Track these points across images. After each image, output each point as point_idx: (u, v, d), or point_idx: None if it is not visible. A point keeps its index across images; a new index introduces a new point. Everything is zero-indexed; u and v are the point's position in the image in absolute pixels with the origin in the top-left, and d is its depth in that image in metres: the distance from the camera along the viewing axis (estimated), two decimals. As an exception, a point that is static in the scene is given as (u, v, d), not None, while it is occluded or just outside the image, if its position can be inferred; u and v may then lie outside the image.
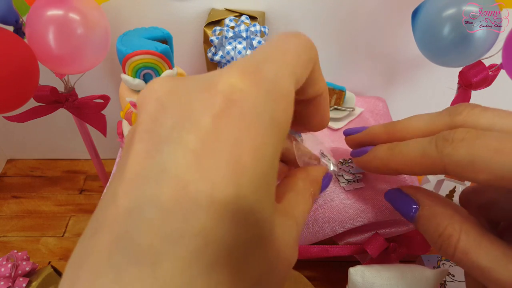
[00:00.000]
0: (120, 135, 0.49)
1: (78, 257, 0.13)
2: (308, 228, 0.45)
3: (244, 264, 0.13)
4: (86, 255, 0.12)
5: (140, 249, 0.12)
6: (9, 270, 0.49)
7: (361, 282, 0.38)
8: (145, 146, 0.13)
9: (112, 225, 0.12)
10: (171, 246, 0.12)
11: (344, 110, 0.60)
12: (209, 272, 0.12)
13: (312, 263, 0.59)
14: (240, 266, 0.13)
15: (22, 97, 0.44)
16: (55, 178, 0.79)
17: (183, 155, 0.13)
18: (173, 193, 0.12)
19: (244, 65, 0.15)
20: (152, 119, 0.14)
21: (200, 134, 0.13)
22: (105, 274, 0.11)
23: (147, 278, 0.11)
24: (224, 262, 0.12)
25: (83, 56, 0.48)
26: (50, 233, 0.68)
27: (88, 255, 0.12)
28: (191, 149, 0.13)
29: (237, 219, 0.13)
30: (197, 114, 0.13)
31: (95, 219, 0.13)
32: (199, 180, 0.12)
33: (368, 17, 0.61)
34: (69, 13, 0.45)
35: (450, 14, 0.44)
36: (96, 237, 0.13)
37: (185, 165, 0.13)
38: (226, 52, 0.51)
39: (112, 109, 0.61)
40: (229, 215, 0.13)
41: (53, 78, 0.53)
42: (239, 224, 0.13)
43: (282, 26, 0.62)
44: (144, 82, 0.43)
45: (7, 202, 0.74)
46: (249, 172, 0.13)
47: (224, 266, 0.12)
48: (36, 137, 0.79)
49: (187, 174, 0.12)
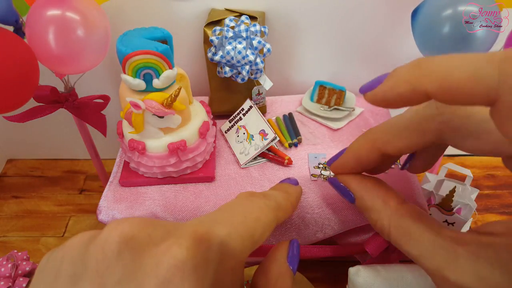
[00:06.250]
0: (120, 135, 0.49)
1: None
2: (308, 228, 0.45)
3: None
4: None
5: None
6: (9, 270, 0.49)
7: (361, 282, 0.38)
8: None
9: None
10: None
11: (344, 110, 0.60)
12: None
13: (312, 263, 0.59)
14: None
15: (22, 97, 0.44)
16: (55, 178, 0.79)
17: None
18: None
19: (198, 226, 0.17)
20: (106, 265, 0.15)
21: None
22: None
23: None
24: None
25: (83, 56, 0.48)
26: (50, 233, 0.68)
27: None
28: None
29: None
30: (143, 277, 0.15)
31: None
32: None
33: (368, 17, 0.61)
34: (69, 13, 0.45)
35: (450, 14, 0.44)
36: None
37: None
38: (226, 52, 0.51)
39: (112, 109, 0.61)
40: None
41: (53, 78, 0.53)
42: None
43: (282, 26, 0.62)
44: (144, 82, 0.43)
45: (7, 202, 0.74)
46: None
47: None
48: (36, 137, 0.78)
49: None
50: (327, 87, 0.61)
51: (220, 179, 0.50)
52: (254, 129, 0.53)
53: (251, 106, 0.55)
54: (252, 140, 0.53)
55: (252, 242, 0.19)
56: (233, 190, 0.49)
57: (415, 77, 0.19)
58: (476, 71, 0.17)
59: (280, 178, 0.49)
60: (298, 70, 0.68)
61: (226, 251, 0.17)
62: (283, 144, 0.55)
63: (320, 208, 0.44)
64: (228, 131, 0.57)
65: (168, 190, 0.48)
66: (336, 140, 0.56)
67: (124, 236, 0.15)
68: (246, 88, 0.58)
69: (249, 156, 0.52)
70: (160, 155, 0.46)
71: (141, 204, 0.47)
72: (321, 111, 0.60)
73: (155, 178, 0.49)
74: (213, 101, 0.61)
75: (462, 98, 0.18)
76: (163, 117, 0.43)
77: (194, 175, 0.49)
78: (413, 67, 0.20)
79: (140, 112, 0.42)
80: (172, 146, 0.45)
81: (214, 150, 0.53)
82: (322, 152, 0.53)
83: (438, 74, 0.18)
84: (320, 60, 0.67)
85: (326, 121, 0.59)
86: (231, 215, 0.20)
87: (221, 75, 0.55)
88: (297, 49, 0.65)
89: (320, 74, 0.68)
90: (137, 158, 0.47)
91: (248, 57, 0.51)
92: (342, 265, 0.58)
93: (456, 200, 0.58)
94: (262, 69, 0.55)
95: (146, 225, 0.16)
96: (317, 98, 0.62)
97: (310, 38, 0.64)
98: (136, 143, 0.46)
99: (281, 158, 0.51)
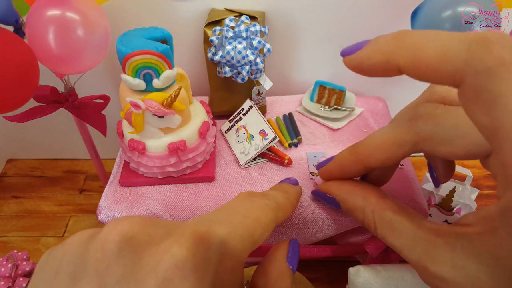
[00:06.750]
0: (120, 135, 0.49)
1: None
2: (308, 228, 0.45)
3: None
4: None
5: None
6: (9, 270, 0.49)
7: (361, 282, 0.38)
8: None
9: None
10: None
11: (344, 110, 0.60)
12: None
13: (312, 263, 0.59)
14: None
15: (22, 97, 0.44)
16: (55, 178, 0.79)
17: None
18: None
19: (198, 225, 0.17)
20: (105, 265, 0.15)
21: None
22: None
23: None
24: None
25: (83, 56, 0.48)
26: (50, 233, 0.68)
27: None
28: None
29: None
30: (143, 276, 0.15)
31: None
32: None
33: (368, 17, 0.61)
34: (69, 13, 0.45)
35: (450, 14, 0.44)
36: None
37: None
38: (226, 52, 0.51)
39: (112, 109, 0.61)
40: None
41: (53, 78, 0.53)
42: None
43: (282, 26, 0.62)
44: (144, 82, 0.43)
45: (7, 202, 0.74)
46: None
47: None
48: (36, 137, 0.79)
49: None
50: (327, 87, 0.61)
51: (220, 179, 0.50)
52: (254, 129, 0.53)
53: (251, 106, 0.55)
54: (252, 140, 0.53)
55: (252, 242, 0.19)
56: (233, 190, 0.49)
57: (390, 49, 0.19)
58: (446, 50, 0.17)
59: (280, 178, 0.49)
60: (298, 70, 0.68)
61: (226, 250, 0.17)
62: (283, 144, 0.55)
63: (320, 208, 0.44)
64: (228, 131, 0.57)
65: (168, 190, 0.48)
66: (336, 140, 0.56)
67: (124, 235, 0.15)
68: (246, 88, 0.58)
69: (249, 156, 0.52)
70: (160, 155, 0.46)
71: (141, 204, 0.47)
72: (321, 111, 0.60)
73: (155, 178, 0.49)
74: (213, 101, 0.61)
75: (430, 76, 0.18)
76: (163, 117, 0.43)
77: (194, 175, 0.49)
78: (392, 39, 0.20)
79: (140, 112, 0.42)
80: (172, 146, 0.45)
81: (214, 150, 0.53)
82: (321, 151, 0.53)
83: (411, 49, 0.18)
84: (320, 60, 0.67)
85: (326, 121, 0.59)
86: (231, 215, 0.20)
87: (221, 75, 0.55)
88: (297, 49, 0.65)
89: (320, 74, 0.68)
90: (137, 158, 0.47)
91: (248, 57, 0.51)
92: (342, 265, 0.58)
93: (456, 200, 0.58)
94: (262, 69, 0.55)
95: (146, 224, 0.16)
96: (317, 98, 0.62)
97: (310, 38, 0.64)
98: (136, 143, 0.46)
99: (281, 158, 0.51)
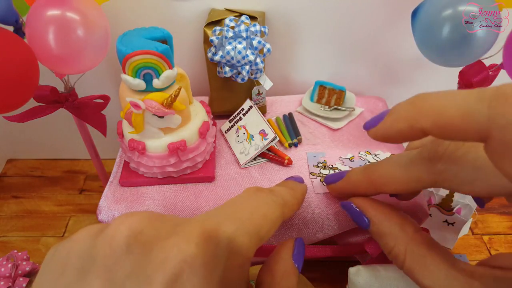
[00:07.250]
0: (120, 135, 0.49)
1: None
2: (308, 228, 0.45)
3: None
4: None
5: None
6: (9, 270, 0.49)
7: (361, 282, 0.38)
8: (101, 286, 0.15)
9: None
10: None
11: (344, 110, 0.60)
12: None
13: (312, 263, 0.59)
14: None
15: (22, 97, 0.44)
16: (55, 178, 0.79)
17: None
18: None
19: (206, 221, 0.17)
20: (114, 260, 0.15)
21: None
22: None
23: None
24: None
25: (83, 56, 0.48)
26: (50, 233, 0.68)
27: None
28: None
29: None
30: (152, 271, 0.15)
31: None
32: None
33: (368, 16, 0.61)
34: (69, 13, 0.45)
35: (450, 14, 0.44)
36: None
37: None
38: (226, 52, 0.51)
39: (112, 109, 0.61)
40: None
41: (53, 78, 0.53)
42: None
43: (282, 26, 0.62)
44: (144, 82, 0.43)
45: (7, 202, 0.74)
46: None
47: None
48: (36, 137, 0.78)
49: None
50: (327, 87, 0.61)
51: (220, 179, 0.50)
52: (254, 129, 0.53)
53: (251, 106, 0.55)
54: (252, 140, 0.53)
55: (258, 238, 0.19)
56: (233, 190, 0.49)
57: (411, 115, 0.21)
58: (467, 109, 0.18)
59: (280, 178, 0.49)
60: (298, 70, 0.68)
61: (234, 247, 0.17)
62: (283, 144, 0.55)
63: (320, 208, 0.44)
64: (228, 131, 0.57)
65: (168, 190, 0.48)
66: (336, 140, 0.56)
67: (133, 230, 0.15)
68: (246, 88, 0.58)
69: (249, 156, 0.52)
70: (160, 155, 0.46)
71: (141, 204, 0.47)
72: (321, 111, 0.60)
73: (155, 178, 0.49)
74: (213, 101, 0.61)
75: (456, 134, 0.19)
76: (163, 117, 0.43)
77: (194, 175, 0.49)
78: (409, 104, 0.21)
79: (140, 112, 0.42)
80: (172, 146, 0.45)
81: (214, 150, 0.53)
82: (321, 151, 0.53)
83: (432, 112, 0.19)
84: (320, 60, 0.67)
85: (326, 121, 0.59)
86: (238, 211, 0.20)
87: (221, 75, 0.55)
88: (297, 49, 0.65)
89: (320, 74, 0.68)
90: (137, 158, 0.47)
91: (248, 57, 0.51)
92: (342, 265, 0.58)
93: (456, 200, 0.58)
94: (262, 69, 0.55)
95: (154, 219, 0.16)
96: (317, 98, 0.62)
97: (310, 38, 0.64)
98: (136, 143, 0.46)
99: (281, 158, 0.51)
